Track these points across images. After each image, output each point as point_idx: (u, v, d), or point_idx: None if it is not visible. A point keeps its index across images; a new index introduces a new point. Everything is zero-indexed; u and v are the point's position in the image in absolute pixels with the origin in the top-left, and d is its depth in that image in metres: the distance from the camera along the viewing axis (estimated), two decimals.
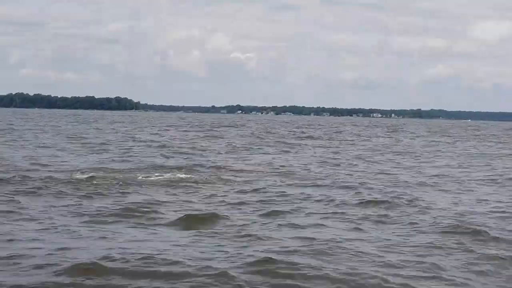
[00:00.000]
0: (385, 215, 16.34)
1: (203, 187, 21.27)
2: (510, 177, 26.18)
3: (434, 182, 24.02)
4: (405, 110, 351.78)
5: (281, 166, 28.68)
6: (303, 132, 76.51)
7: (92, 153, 33.84)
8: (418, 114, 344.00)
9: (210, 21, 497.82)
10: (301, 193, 20.01)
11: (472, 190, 22.10)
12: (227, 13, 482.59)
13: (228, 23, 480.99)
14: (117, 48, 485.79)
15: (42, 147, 38.07)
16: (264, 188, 20.99)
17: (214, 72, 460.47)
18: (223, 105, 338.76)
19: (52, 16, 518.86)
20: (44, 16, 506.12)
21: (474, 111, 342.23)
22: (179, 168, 26.04)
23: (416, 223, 15.32)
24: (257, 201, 18.35)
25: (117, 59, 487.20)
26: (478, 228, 14.66)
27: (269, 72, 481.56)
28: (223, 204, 18.01)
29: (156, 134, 61.50)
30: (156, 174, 23.95)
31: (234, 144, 45.71)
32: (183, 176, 23.64)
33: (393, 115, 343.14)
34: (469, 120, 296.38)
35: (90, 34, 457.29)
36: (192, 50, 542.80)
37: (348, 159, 34.53)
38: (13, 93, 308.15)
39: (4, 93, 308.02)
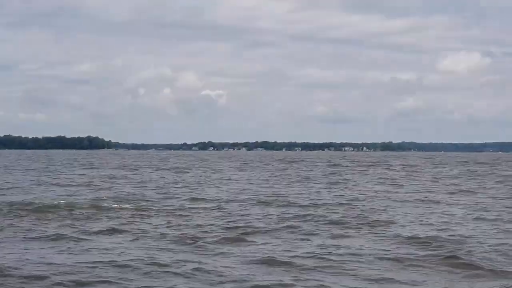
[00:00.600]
0: None
1: None
2: None
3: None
4: (376, 143, 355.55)
5: None
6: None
7: None
8: (389, 147, 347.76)
9: (180, 59, 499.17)
10: None
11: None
12: (197, 51, 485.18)
13: (199, 61, 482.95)
14: (87, 88, 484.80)
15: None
16: None
17: (185, 109, 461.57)
18: (195, 142, 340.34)
19: (22, 58, 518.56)
20: (14, 58, 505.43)
21: (445, 142, 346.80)
22: None
23: None
24: None
25: (88, 98, 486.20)
26: None
27: (240, 108, 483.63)
28: None
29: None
30: None
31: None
32: None
33: (364, 148, 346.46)
34: (442, 152, 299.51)
35: (60, 75, 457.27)
36: (162, 88, 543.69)
37: None
38: None
39: None
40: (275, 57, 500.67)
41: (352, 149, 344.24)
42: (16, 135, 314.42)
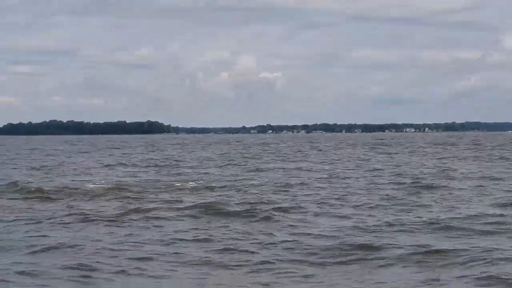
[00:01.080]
0: None
1: None
2: None
3: None
4: (438, 124, 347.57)
5: None
6: None
7: None
8: (452, 127, 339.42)
9: (237, 42, 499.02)
10: None
11: None
12: (254, 33, 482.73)
13: (255, 43, 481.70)
14: (146, 73, 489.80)
15: None
16: None
17: (242, 92, 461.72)
18: (253, 125, 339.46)
19: (83, 44, 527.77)
20: (74, 44, 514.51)
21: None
22: None
23: None
24: None
25: (146, 83, 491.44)
26: None
27: (297, 90, 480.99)
28: None
29: None
30: None
31: None
32: None
33: (426, 129, 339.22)
34: (510, 131, 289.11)
35: (119, 60, 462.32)
36: (220, 71, 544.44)
37: None
38: (47, 121, 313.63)
39: (39, 121, 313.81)
40: (332, 37, 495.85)
41: (414, 130, 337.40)
42: (77, 120, 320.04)
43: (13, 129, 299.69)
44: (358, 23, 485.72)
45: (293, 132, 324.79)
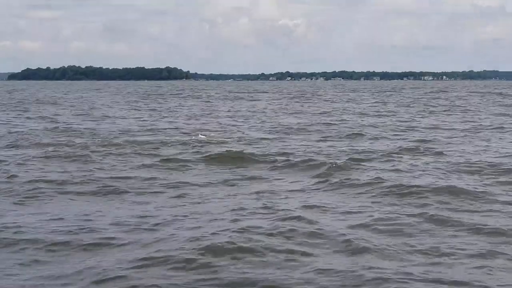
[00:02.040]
0: None
1: None
2: None
3: None
4: (456, 72, 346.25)
5: None
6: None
7: None
8: (469, 75, 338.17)
9: None
10: None
11: None
12: None
13: None
14: (166, 19, 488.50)
15: None
16: None
17: (262, 39, 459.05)
18: (272, 73, 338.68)
19: None
20: None
21: None
22: None
23: None
24: None
25: (166, 29, 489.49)
26: None
27: (317, 37, 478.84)
28: None
29: None
30: None
31: None
32: None
33: (444, 77, 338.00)
34: None
35: (138, 5, 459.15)
36: (240, 18, 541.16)
37: None
38: (65, 66, 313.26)
39: (57, 66, 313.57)
40: None
41: (432, 78, 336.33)
42: (97, 66, 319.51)
43: (31, 74, 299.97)
44: None
45: (311, 79, 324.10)
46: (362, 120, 37.89)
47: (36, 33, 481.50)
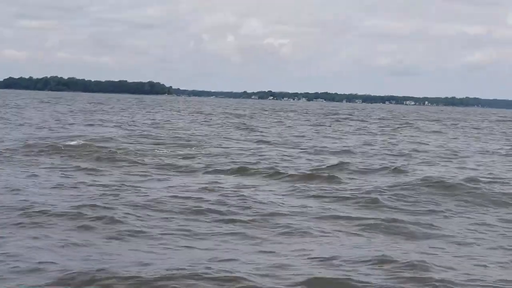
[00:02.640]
0: None
1: None
2: None
3: None
4: (438, 98, 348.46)
5: None
6: None
7: None
8: (452, 102, 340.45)
9: (245, 6, 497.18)
10: None
11: None
12: None
13: (263, 8, 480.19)
14: (152, 33, 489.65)
15: None
16: None
17: (247, 57, 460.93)
18: (255, 91, 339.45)
19: (88, 0, 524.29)
20: (80, 0, 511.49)
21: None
22: None
23: None
24: None
25: (152, 43, 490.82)
26: None
27: (302, 58, 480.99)
28: None
29: None
30: None
31: None
32: None
33: (426, 102, 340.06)
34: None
35: (125, 19, 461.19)
36: (226, 35, 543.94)
37: None
38: (48, 77, 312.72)
39: (40, 76, 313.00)
40: (341, 5, 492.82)
41: (414, 103, 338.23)
42: (79, 77, 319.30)
43: (12, 83, 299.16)
44: None
45: (293, 100, 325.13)
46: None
47: (22, 43, 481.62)
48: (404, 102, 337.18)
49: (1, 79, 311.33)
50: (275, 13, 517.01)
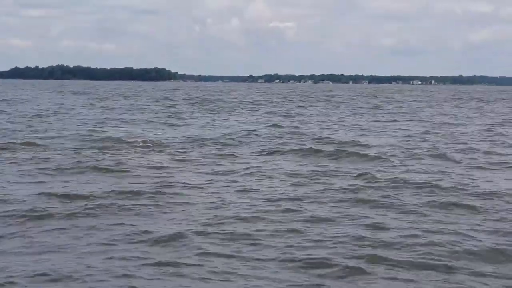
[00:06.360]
0: None
1: None
2: None
3: None
4: (445, 77, 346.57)
5: None
6: None
7: None
8: (459, 80, 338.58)
9: None
10: None
11: None
12: None
13: None
14: (156, 19, 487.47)
15: None
16: None
17: (252, 41, 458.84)
18: (261, 75, 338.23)
19: None
20: None
21: None
22: None
23: None
24: None
25: (156, 29, 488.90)
26: None
27: (307, 40, 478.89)
28: None
29: None
30: None
31: None
32: None
33: (433, 81, 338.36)
34: None
35: (129, 5, 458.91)
36: (231, 19, 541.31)
37: None
38: (54, 65, 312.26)
39: (45, 65, 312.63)
40: None
41: (420, 82, 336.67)
42: (85, 65, 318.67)
43: (18, 73, 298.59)
44: None
45: (300, 82, 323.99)
46: None
47: (26, 32, 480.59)
48: (411, 82, 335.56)
49: (7, 69, 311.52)
50: None
